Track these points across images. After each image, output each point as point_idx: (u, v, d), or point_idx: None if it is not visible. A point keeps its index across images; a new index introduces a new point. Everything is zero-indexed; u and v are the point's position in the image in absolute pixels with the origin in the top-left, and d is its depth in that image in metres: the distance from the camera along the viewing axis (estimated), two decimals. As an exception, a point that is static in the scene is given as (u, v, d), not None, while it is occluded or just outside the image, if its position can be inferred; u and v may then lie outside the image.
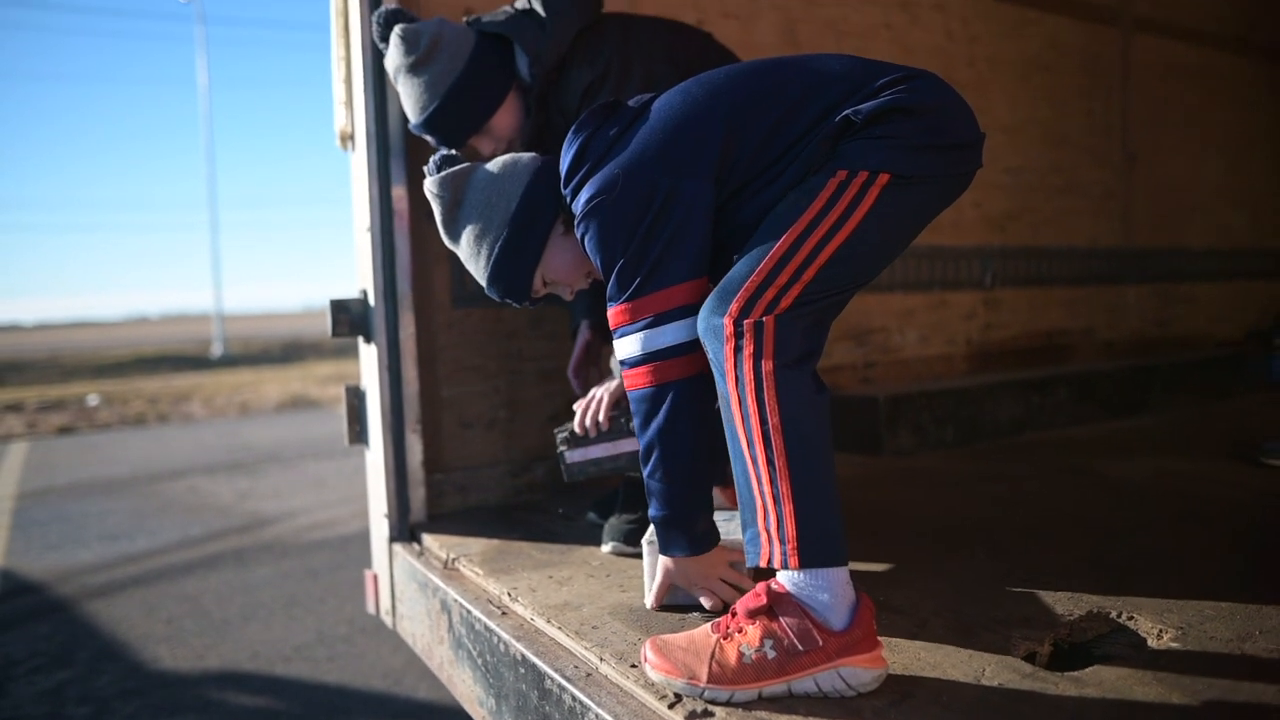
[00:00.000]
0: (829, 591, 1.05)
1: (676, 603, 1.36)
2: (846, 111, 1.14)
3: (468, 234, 1.38)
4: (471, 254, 1.39)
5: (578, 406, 1.61)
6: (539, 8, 1.71)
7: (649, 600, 1.37)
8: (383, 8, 1.79)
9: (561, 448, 1.60)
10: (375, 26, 1.77)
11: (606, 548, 1.70)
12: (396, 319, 2.01)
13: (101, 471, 6.63)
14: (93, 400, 11.58)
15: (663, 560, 1.33)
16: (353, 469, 6.17)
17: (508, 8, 1.77)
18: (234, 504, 5.36)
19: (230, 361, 18.91)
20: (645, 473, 1.27)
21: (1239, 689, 1.04)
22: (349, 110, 2.05)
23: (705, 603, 1.32)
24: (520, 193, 1.35)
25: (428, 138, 1.76)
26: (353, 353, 2.26)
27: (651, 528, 1.33)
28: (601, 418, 1.55)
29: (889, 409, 2.63)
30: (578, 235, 1.27)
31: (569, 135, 1.30)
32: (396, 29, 1.71)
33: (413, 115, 1.74)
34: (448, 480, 2.12)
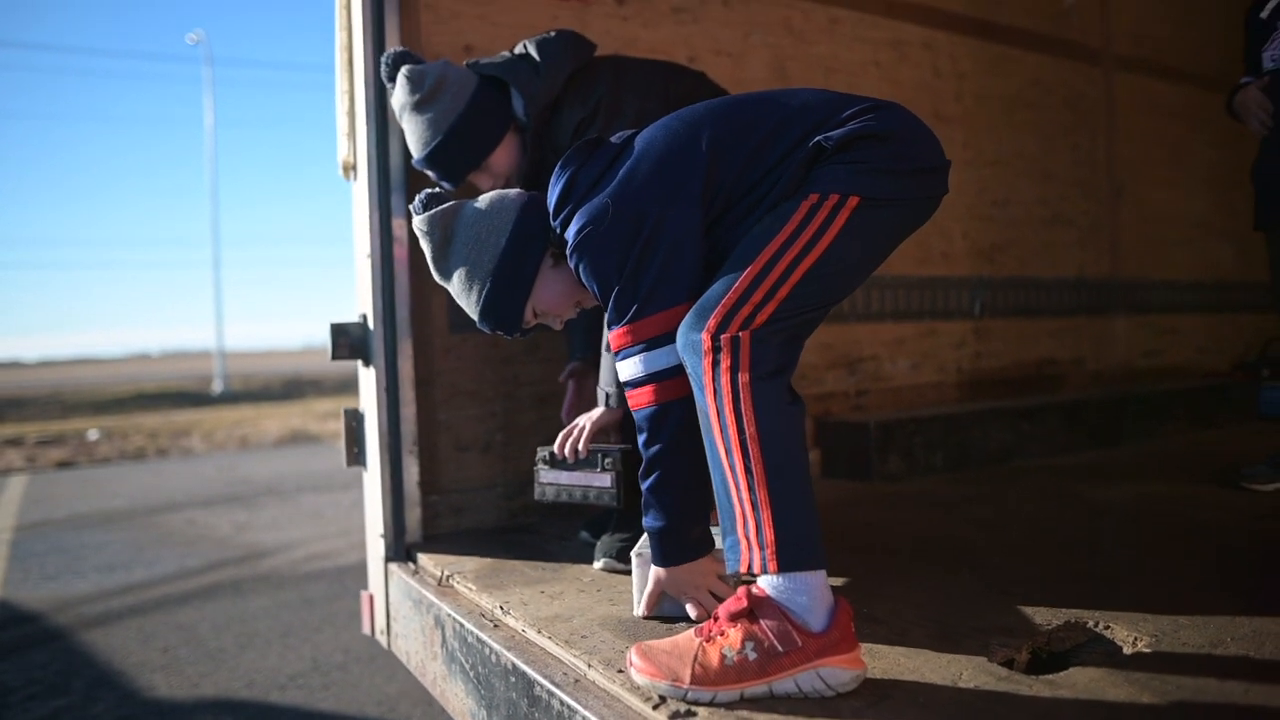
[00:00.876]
0: (807, 594, 1.09)
1: (664, 613, 1.39)
2: (818, 138, 1.20)
3: (459, 271, 1.41)
4: (463, 290, 1.42)
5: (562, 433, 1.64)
6: (534, 52, 1.80)
7: (639, 609, 1.40)
8: (390, 50, 1.87)
9: (538, 465, 1.62)
10: (383, 67, 1.85)
11: (598, 564, 1.73)
12: (395, 343, 2.06)
13: (100, 504, 6.63)
14: (93, 435, 11.59)
15: (654, 570, 1.36)
16: (350, 502, 6.17)
17: (506, 52, 1.87)
18: (231, 536, 5.36)
19: (231, 398, 18.92)
20: (646, 486, 1.30)
21: (1207, 689, 1.07)
22: (352, 141, 2.12)
23: (692, 612, 1.35)
24: (509, 228, 1.38)
25: (429, 173, 1.84)
26: (352, 390, 2.31)
27: (640, 540, 1.36)
28: (581, 447, 1.55)
29: (879, 435, 2.67)
30: (571, 265, 1.31)
31: (556, 169, 1.35)
32: (403, 69, 1.80)
33: (416, 151, 1.82)
34: (443, 502, 2.16)
